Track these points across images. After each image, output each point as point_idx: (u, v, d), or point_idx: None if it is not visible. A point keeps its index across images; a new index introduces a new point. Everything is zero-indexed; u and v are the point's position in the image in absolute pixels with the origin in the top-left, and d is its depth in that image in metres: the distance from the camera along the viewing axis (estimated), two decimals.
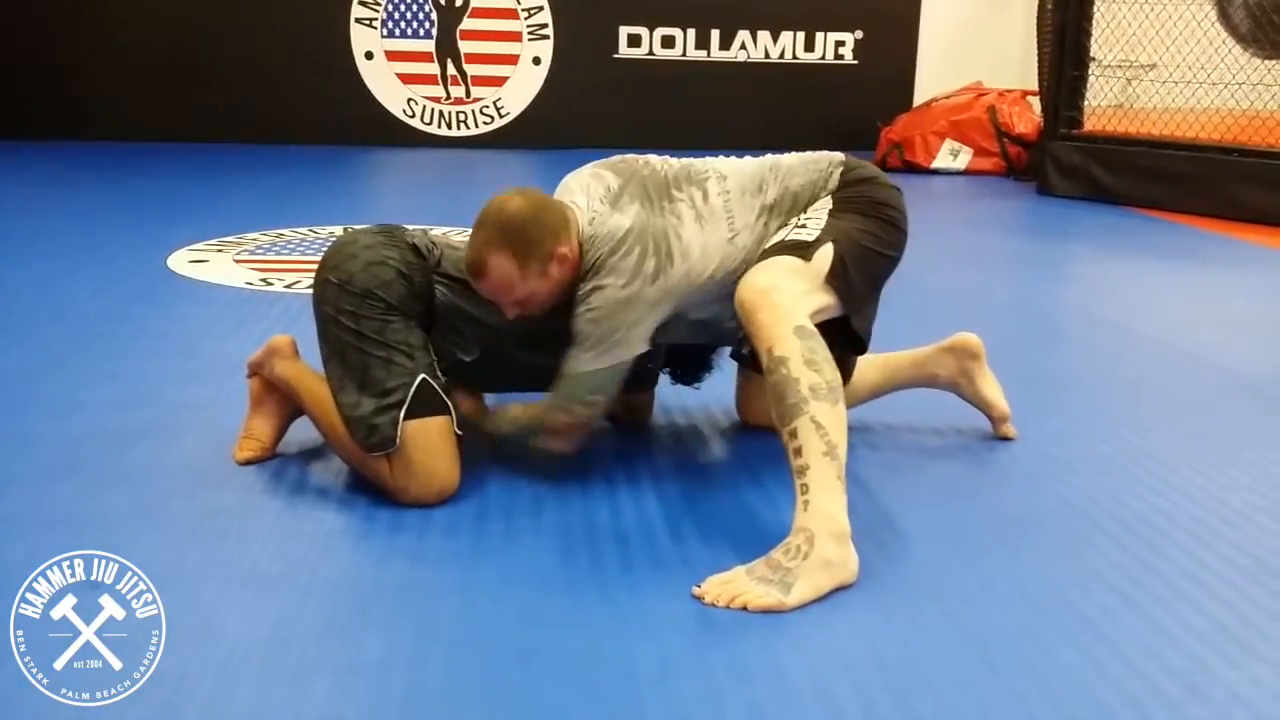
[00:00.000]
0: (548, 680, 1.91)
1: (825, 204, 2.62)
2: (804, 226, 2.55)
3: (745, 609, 2.13)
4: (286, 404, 2.81)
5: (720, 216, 2.61)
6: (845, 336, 2.59)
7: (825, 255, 2.47)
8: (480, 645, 2.01)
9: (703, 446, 3.02)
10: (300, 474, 2.73)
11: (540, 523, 2.52)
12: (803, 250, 2.47)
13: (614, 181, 2.67)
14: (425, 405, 2.55)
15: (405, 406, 2.52)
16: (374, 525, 2.48)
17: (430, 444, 2.54)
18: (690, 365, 3.03)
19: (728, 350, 3.04)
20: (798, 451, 2.24)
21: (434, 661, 1.96)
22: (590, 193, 2.66)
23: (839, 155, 2.75)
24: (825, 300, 2.46)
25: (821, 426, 2.23)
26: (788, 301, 2.34)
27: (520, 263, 2.51)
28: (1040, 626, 2.14)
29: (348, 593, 2.21)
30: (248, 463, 2.74)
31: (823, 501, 2.22)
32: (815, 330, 2.33)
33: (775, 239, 2.57)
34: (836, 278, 2.47)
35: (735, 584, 2.17)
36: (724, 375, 3.20)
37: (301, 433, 2.84)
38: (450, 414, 2.59)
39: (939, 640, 2.07)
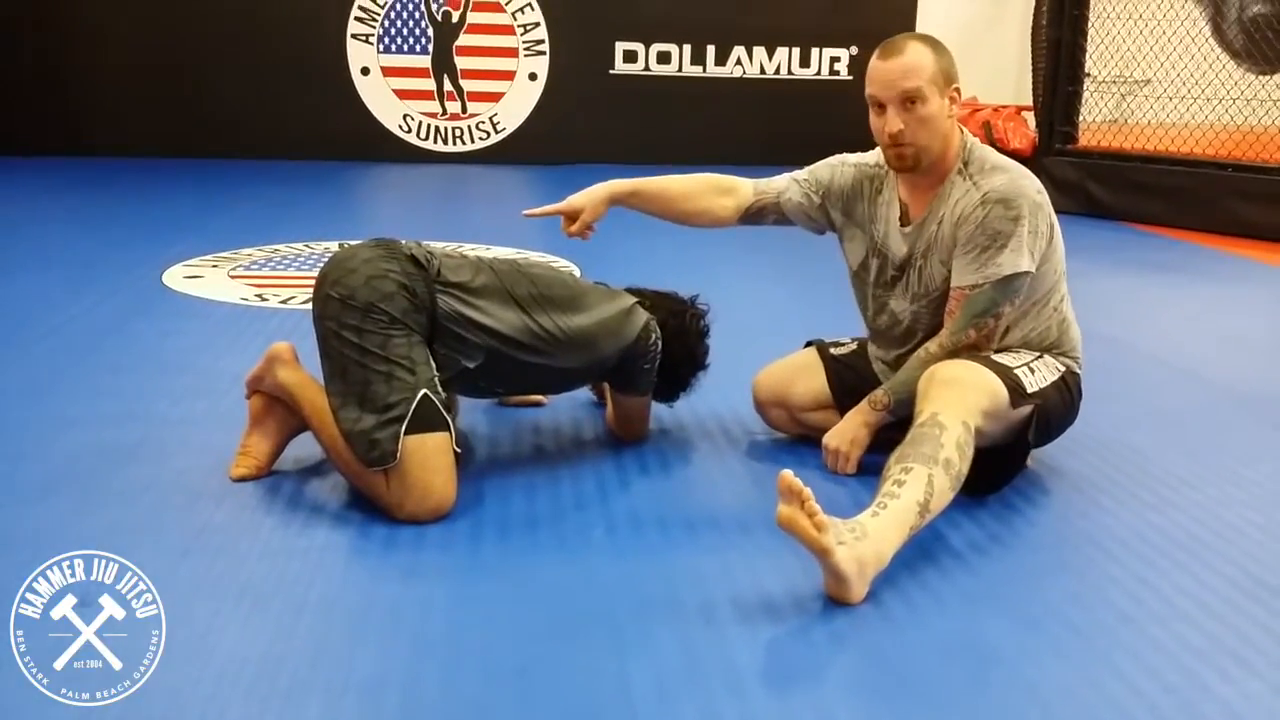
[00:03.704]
0: (543, 698, 1.90)
1: (1057, 369, 2.81)
2: (1033, 370, 2.75)
3: (810, 519, 2.12)
4: (286, 424, 2.80)
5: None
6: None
7: (1022, 413, 2.66)
8: (475, 663, 2.00)
9: (700, 463, 3.01)
10: (294, 491, 2.72)
11: (535, 538, 2.51)
12: (1017, 395, 2.65)
13: None
14: (425, 421, 2.54)
15: (406, 421, 2.52)
16: (368, 542, 2.47)
17: (428, 460, 2.53)
18: (670, 385, 3.07)
19: (706, 371, 3.10)
20: (899, 483, 2.33)
21: (428, 679, 1.95)
22: None
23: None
24: (987, 433, 2.58)
25: (932, 488, 2.35)
26: (974, 408, 2.53)
27: (935, 58, 2.70)
28: (1037, 642, 2.13)
29: (341, 610, 2.20)
30: (242, 479, 2.73)
31: (887, 530, 2.27)
32: (974, 440, 2.49)
33: (1010, 356, 2.76)
34: (1015, 435, 2.67)
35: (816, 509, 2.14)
36: (718, 395, 3.20)
37: (296, 449, 2.83)
38: (449, 430, 2.58)
39: (936, 656, 2.07)
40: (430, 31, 8.67)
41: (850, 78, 9.04)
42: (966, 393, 2.55)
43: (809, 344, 3.19)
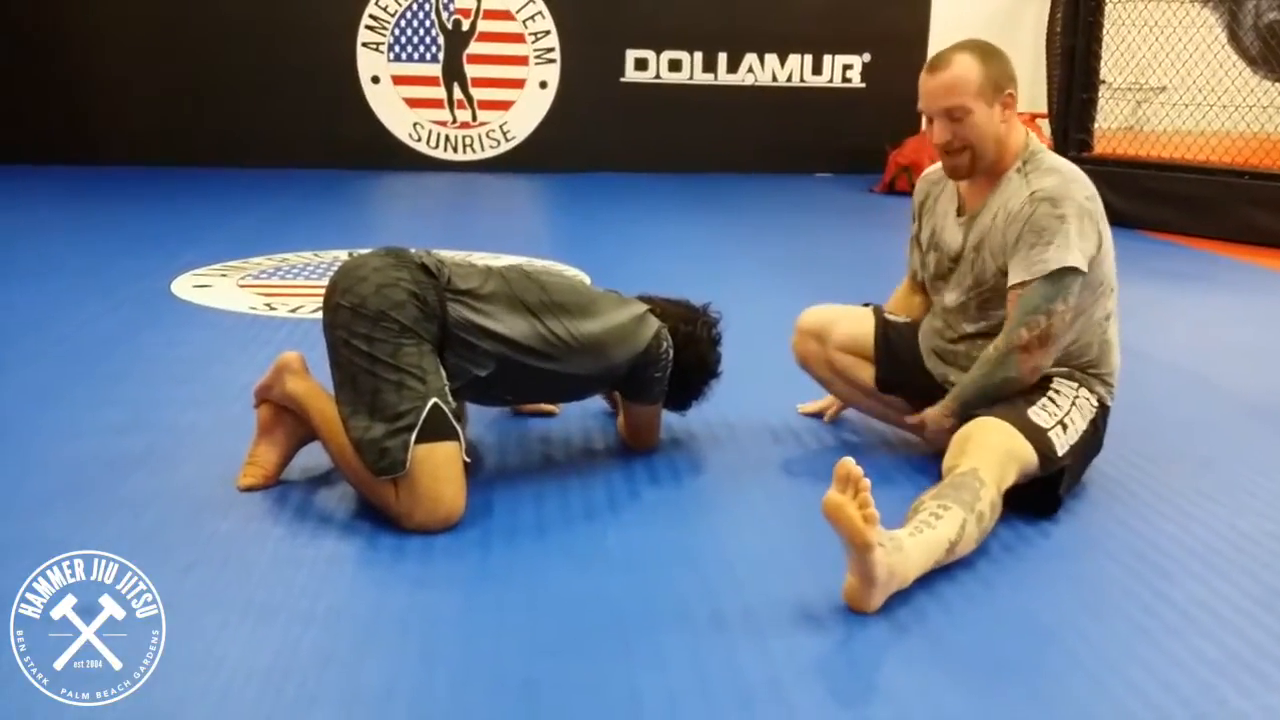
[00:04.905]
0: (552, 712, 1.88)
1: (1091, 407, 2.80)
2: (1065, 427, 2.71)
3: (860, 511, 2.12)
4: (294, 434, 2.78)
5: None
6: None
7: (1048, 469, 2.65)
8: (484, 675, 1.99)
9: (711, 472, 2.99)
10: (301, 501, 2.71)
11: (545, 548, 2.49)
12: (1047, 460, 2.64)
13: None
14: (436, 430, 2.53)
15: (417, 430, 2.50)
16: (376, 552, 2.46)
17: (438, 469, 2.51)
18: (682, 393, 3.05)
19: (718, 379, 3.08)
20: (936, 516, 2.35)
21: (437, 692, 1.93)
22: None
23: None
24: (1012, 482, 2.59)
25: (963, 532, 2.37)
26: (1009, 475, 2.56)
27: (982, 67, 2.73)
28: (1051, 655, 2.11)
29: (349, 621, 2.18)
30: (249, 489, 2.71)
31: (919, 552, 2.28)
32: (1000, 507, 2.51)
33: (1048, 405, 2.72)
34: (1046, 486, 2.67)
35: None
36: (730, 404, 3.18)
37: (303, 459, 2.82)
38: (459, 439, 2.57)
39: (950, 669, 2.04)
40: (441, 40, 8.67)
41: (863, 85, 9.02)
42: (1005, 460, 2.57)
43: (866, 304, 3.22)
